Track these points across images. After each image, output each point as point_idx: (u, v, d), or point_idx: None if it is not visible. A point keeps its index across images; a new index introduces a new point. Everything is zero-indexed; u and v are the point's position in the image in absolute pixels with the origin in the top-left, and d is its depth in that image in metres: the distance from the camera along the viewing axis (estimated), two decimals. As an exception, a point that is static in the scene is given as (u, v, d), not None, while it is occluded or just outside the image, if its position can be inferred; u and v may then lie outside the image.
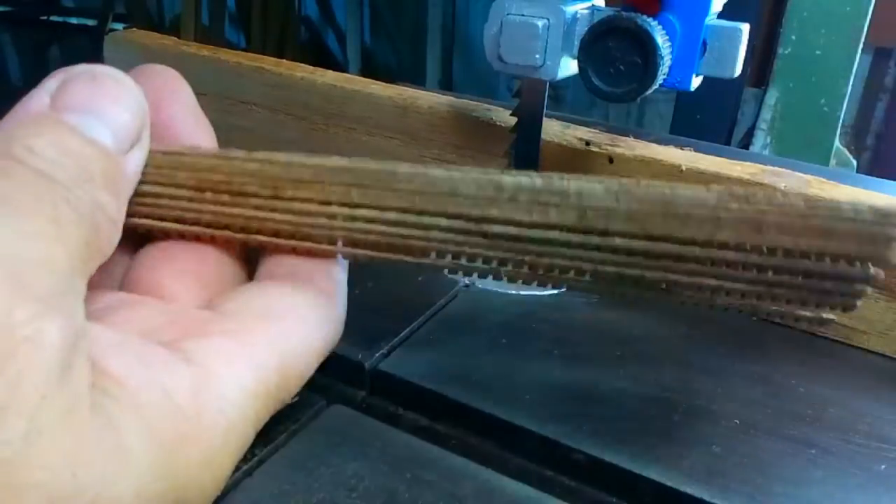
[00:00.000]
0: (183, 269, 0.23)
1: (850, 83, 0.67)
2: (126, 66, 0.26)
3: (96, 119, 0.19)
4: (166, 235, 0.23)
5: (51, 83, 0.20)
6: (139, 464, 0.17)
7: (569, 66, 0.35)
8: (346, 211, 0.22)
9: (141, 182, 0.22)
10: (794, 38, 0.67)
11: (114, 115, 0.20)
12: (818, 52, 0.67)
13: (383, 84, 0.44)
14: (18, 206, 0.17)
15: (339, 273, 0.23)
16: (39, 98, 0.19)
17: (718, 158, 0.37)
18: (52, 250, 0.17)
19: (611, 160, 0.38)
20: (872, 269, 0.20)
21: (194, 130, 0.24)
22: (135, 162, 0.21)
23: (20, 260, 0.16)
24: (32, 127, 0.18)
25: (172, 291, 0.22)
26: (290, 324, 0.21)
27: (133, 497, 0.16)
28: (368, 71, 1.43)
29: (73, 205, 0.18)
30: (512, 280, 0.22)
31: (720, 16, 0.35)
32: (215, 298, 0.22)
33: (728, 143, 0.81)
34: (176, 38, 0.50)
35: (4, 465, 0.14)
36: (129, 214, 0.21)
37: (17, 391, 0.14)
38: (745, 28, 0.34)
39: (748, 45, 0.35)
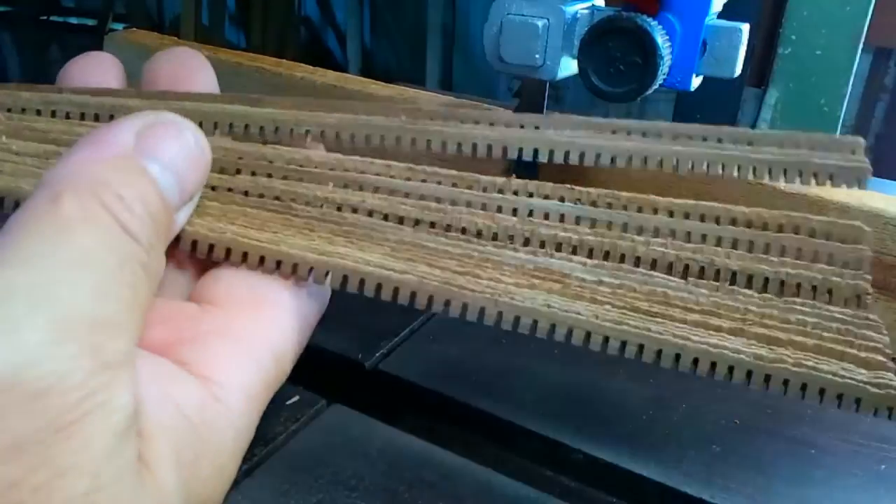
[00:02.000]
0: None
1: (850, 83, 0.67)
2: (126, 65, 0.26)
3: (172, 174, 0.19)
4: None
5: (138, 122, 0.19)
6: (171, 498, 0.17)
7: (569, 66, 0.35)
8: None
9: None
10: (794, 38, 0.67)
11: (186, 174, 0.20)
12: (818, 52, 0.67)
13: (383, 84, 0.44)
14: (104, 267, 0.16)
15: None
16: (125, 136, 0.19)
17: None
18: (125, 315, 0.17)
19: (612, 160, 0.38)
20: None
21: None
22: (183, 219, 0.21)
23: (99, 325, 0.16)
24: (122, 173, 0.18)
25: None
26: (277, 308, 0.21)
27: None
28: (368, 71, 1.43)
29: (147, 271, 0.18)
30: None
31: (720, 16, 0.35)
32: (196, 287, 0.22)
33: (728, 143, 0.80)
34: (176, 38, 0.50)
35: None
36: None
37: (83, 454, 0.15)
38: (745, 28, 0.34)
39: (748, 45, 0.35)
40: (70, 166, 0.18)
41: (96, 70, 0.25)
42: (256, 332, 0.20)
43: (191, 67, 0.25)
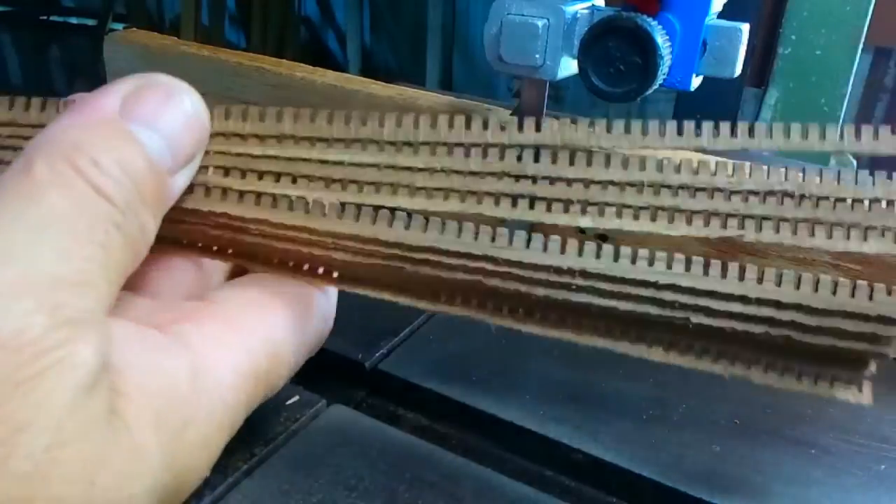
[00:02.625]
0: (171, 266, 0.22)
1: (850, 83, 0.67)
2: (126, 65, 0.26)
3: (162, 138, 0.19)
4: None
5: (126, 86, 0.19)
6: (152, 459, 0.17)
7: (569, 66, 0.35)
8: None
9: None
10: (794, 38, 0.67)
11: (180, 137, 0.19)
12: (818, 52, 0.67)
13: (383, 84, 0.44)
14: (72, 227, 0.16)
15: None
16: (111, 100, 0.19)
17: (718, 158, 0.37)
18: (95, 274, 0.17)
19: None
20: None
21: None
22: (180, 184, 0.20)
23: (60, 282, 0.16)
24: (101, 137, 0.18)
25: (160, 288, 0.22)
26: (279, 313, 0.21)
27: (146, 494, 0.16)
28: (368, 71, 1.43)
29: (123, 230, 0.17)
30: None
31: (720, 16, 0.35)
32: (205, 292, 0.22)
33: (728, 143, 0.80)
34: (176, 38, 0.50)
35: (24, 479, 0.14)
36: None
37: (43, 409, 0.15)
38: (745, 28, 0.34)
39: (748, 45, 0.35)
40: (49, 133, 0.18)
41: None
42: (253, 325, 0.20)
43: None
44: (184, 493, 0.19)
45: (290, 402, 0.25)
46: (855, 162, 0.75)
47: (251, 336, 0.20)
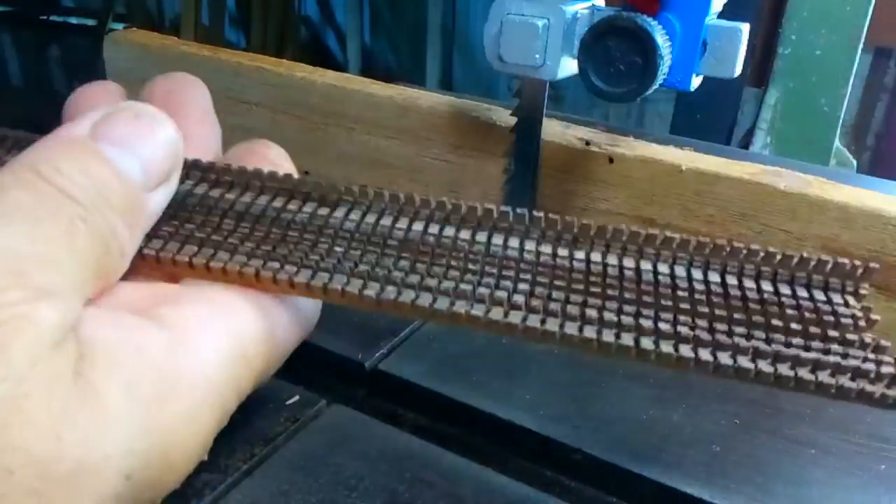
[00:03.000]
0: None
1: (850, 83, 0.67)
2: (126, 65, 0.26)
3: (129, 154, 0.20)
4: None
5: (96, 114, 0.20)
6: (122, 423, 0.17)
7: (569, 66, 0.35)
8: None
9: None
10: (794, 38, 0.67)
11: (147, 153, 0.20)
12: (818, 52, 0.67)
13: (383, 84, 0.44)
14: (34, 215, 0.17)
15: None
16: (81, 125, 0.20)
17: (718, 158, 0.37)
18: (60, 254, 0.17)
19: (611, 160, 0.38)
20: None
21: (202, 134, 0.25)
22: (158, 200, 0.21)
23: (24, 256, 0.17)
24: (66, 151, 0.19)
25: (138, 272, 0.22)
26: (260, 302, 0.21)
27: (120, 456, 0.17)
28: (368, 71, 1.43)
29: (88, 223, 0.18)
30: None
31: (720, 16, 0.35)
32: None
33: (728, 143, 0.81)
34: (176, 38, 0.50)
35: None
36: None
37: (2, 360, 0.15)
38: (745, 28, 0.34)
39: (748, 45, 0.35)
40: (20, 157, 0.19)
41: (103, 98, 0.25)
42: (237, 308, 0.20)
43: (184, 84, 0.25)
44: (175, 469, 0.19)
45: (290, 402, 0.25)
46: (855, 161, 0.75)
47: (234, 317, 0.20)
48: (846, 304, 0.20)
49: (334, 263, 0.20)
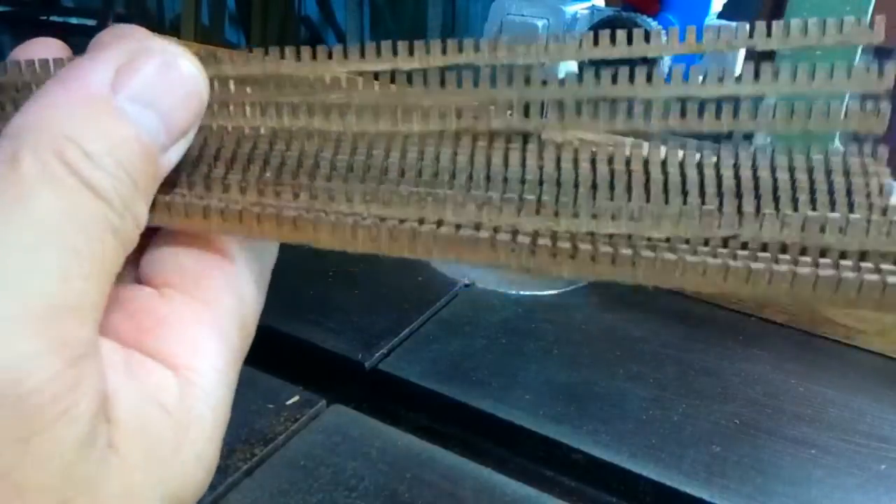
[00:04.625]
0: None
1: (851, 83, 0.67)
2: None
3: (157, 114, 0.17)
4: None
5: (118, 54, 0.17)
6: (145, 496, 0.17)
7: (569, 66, 0.35)
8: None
9: None
10: (794, 37, 0.67)
11: (176, 113, 0.18)
12: (818, 53, 0.67)
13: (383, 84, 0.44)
14: (69, 243, 0.15)
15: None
16: (101, 73, 0.17)
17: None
18: (93, 294, 0.15)
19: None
20: None
21: None
22: (173, 158, 0.18)
23: (61, 311, 0.14)
24: (92, 121, 0.16)
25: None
26: (230, 272, 0.20)
27: None
28: (368, 71, 1.43)
29: (119, 234, 0.16)
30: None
31: (720, 16, 0.35)
32: (142, 267, 0.20)
33: (728, 143, 0.80)
34: (176, 38, 0.50)
35: None
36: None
37: (49, 468, 0.14)
38: (745, 28, 0.34)
39: (748, 45, 0.35)
40: (34, 114, 0.16)
41: (44, 52, 0.23)
42: (216, 305, 0.19)
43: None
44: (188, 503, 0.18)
45: (290, 402, 0.26)
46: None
47: (220, 320, 0.19)
48: None
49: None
